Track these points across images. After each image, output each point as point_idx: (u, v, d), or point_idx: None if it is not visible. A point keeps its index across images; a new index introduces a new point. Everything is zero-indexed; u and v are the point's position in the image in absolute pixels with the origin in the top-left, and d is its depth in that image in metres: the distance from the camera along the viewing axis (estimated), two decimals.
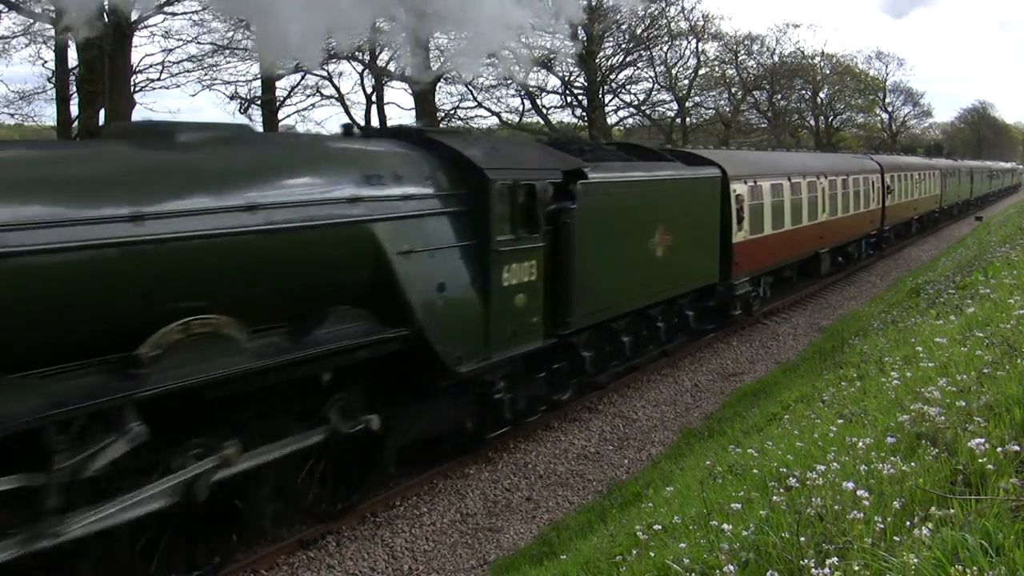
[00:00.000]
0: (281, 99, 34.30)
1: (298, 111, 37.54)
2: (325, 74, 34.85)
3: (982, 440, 4.43)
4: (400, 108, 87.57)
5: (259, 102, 32.52)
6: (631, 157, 15.87)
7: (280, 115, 34.51)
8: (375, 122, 36.69)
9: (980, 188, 61.42)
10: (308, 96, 36.04)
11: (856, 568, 3.69)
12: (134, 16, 20.36)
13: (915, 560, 3.48)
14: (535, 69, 38.40)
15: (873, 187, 30.54)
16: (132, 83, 23.13)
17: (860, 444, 5.43)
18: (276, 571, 8.94)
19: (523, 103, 40.36)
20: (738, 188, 18.59)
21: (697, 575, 4.70)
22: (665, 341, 16.48)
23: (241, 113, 32.59)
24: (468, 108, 39.33)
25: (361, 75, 36.48)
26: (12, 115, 26.27)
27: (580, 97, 41.00)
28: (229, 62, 28.71)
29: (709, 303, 18.10)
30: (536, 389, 12.47)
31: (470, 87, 38.32)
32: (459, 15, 13.23)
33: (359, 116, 37.55)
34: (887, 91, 76.06)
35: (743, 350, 18.95)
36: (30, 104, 26.57)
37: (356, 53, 32.38)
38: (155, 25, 25.96)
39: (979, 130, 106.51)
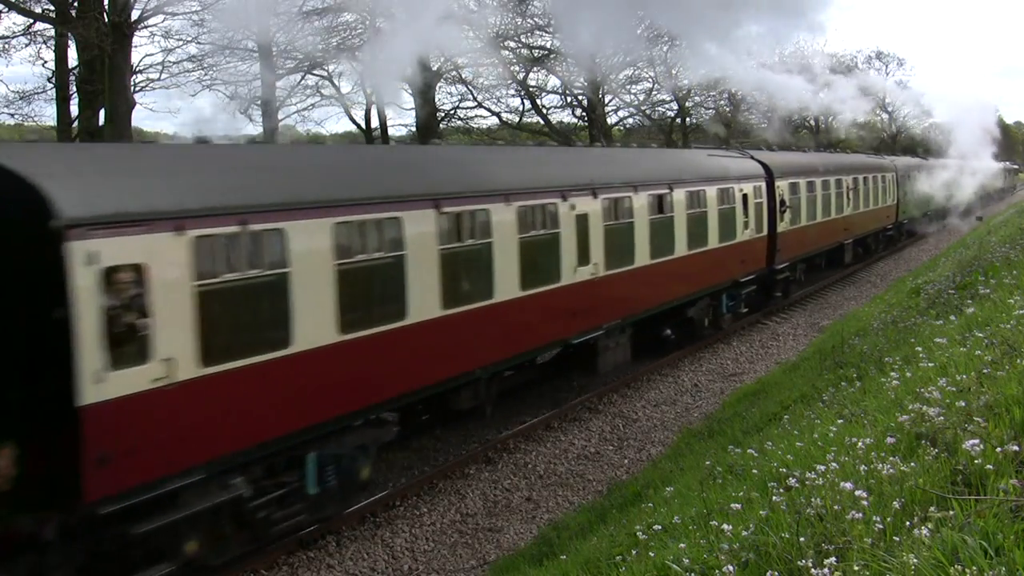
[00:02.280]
0: (281, 99, 34.25)
1: (298, 111, 37.48)
2: (325, 74, 34.84)
3: (977, 441, 4.44)
4: (400, 108, 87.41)
5: (259, 102, 32.48)
6: None
7: (280, 115, 34.46)
8: (375, 122, 36.68)
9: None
10: (308, 96, 36.00)
11: (856, 568, 3.69)
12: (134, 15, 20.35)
13: (915, 560, 3.48)
14: (535, 69, 38.44)
15: (747, 204, 19.97)
16: (132, 83, 23.10)
17: (860, 444, 5.44)
18: (276, 571, 8.95)
19: (523, 103, 40.34)
20: (126, 251, 7.52)
21: (697, 575, 4.70)
22: None
23: (241, 113, 32.55)
24: (468, 108, 39.32)
25: (361, 75, 36.44)
26: (12, 115, 26.24)
27: (580, 97, 40.99)
28: (229, 62, 28.66)
29: None
30: None
31: (470, 87, 38.32)
32: None
33: (359, 116, 37.57)
34: (887, 91, 75.99)
35: (743, 350, 18.93)
36: (30, 104, 26.51)
37: (356, 53, 32.34)
38: (155, 25, 25.96)
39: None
